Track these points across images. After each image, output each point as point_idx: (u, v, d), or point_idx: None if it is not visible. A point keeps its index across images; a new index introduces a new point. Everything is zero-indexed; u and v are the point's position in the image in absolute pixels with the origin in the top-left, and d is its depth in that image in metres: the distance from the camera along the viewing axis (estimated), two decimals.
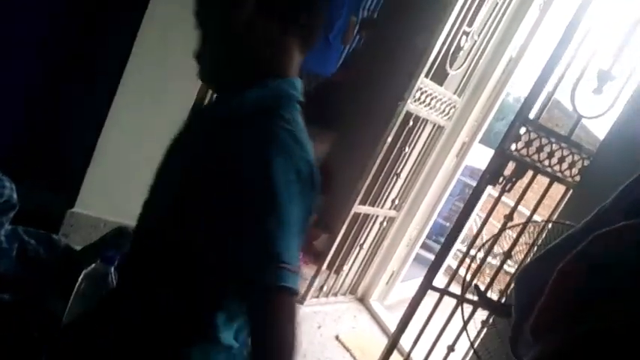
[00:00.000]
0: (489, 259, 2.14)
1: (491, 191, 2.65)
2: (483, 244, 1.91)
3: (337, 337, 2.52)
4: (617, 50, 1.88)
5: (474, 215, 2.80)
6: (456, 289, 2.14)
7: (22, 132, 2.17)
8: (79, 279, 0.97)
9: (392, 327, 2.85)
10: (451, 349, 2.06)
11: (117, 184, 2.23)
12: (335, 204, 3.16)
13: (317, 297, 2.71)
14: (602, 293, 0.40)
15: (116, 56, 2.05)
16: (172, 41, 2.05)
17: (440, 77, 2.65)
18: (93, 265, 0.99)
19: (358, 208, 2.67)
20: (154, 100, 2.14)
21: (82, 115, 2.15)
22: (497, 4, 2.63)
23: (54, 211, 2.18)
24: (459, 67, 2.71)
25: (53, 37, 2.07)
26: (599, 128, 2.21)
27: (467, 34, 2.60)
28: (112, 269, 0.99)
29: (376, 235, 2.93)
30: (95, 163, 2.13)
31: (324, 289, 2.74)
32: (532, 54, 2.97)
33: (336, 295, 2.90)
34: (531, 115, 1.90)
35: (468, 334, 1.96)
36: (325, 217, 3.18)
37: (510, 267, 2.18)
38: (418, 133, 2.72)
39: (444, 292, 2.01)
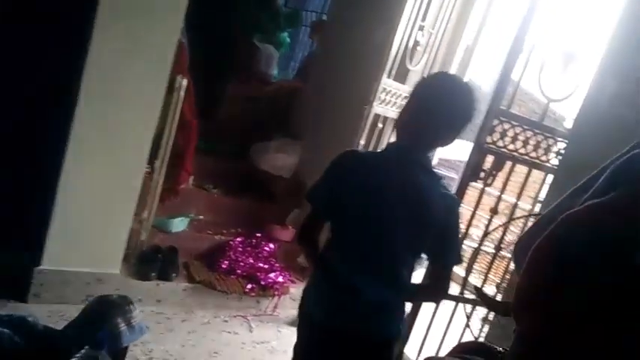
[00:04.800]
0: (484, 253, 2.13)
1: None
2: (483, 237, 1.90)
3: None
4: (577, 30, 1.90)
5: None
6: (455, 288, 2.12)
7: None
8: None
9: None
10: None
11: (80, 236, 2.11)
12: None
13: None
14: (572, 272, 0.42)
15: (65, 106, 1.93)
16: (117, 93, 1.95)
17: (402, 74, 2.63)
18: (82, 351, 0.89)
19: None
20: (108, 148, 2.04)
21: (38, 165, 2.01)
22: None
23: (20, 272, 2.04)
24: (419, 63, 2.69)
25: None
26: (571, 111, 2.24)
27: (422, 28, 2.58)
28: (104, 352, 0.89)
29: None
30: (56, 218, 2.00)
31: None
32: (487, 39, 2.99)
33: None
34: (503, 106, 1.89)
35: (472, 331, 1.94)
36: None
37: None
38: (389, 134, 2.69)
39: None
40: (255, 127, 3.36)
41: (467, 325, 2.02)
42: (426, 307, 1.95)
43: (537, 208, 2.16)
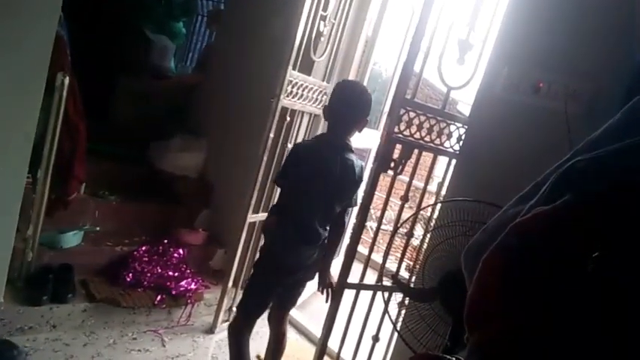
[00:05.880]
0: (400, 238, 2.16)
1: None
2: (396, 227, 1.91)
3: (259, 357, 2.37)
4: (470, 19, 1.97)
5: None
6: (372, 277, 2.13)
7: None
8: None
9: (312, 330, 2.79)
10: (375, 339, 2.06)
11: None
12: (223, 216, 2.96)
13: (228, 320, 2.52)
14: (524, 282, 0.42)
15: None
16: None
17: (307, 66, 2.58)
18: None
19: (253, 217, 2.52)
20: None
21: None
22: None
23: None
24: (323, 54, 2.65)
25: None
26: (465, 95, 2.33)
27: (324, 18, 2.54)
28: None
29: None
30: None
31: (234, 309, 2.56)
32: (387, 27, 3.04)
33: None
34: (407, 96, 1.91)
35: (390, 318, 1.96)
36: (216, 232, 2.97)
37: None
38: (297, 126, 2.63)
39: (359, 287, 1.98)
40: (152, 126, 3.12)
41: (386, 311, 2.04)
42: (346, 299, 1.94)
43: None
